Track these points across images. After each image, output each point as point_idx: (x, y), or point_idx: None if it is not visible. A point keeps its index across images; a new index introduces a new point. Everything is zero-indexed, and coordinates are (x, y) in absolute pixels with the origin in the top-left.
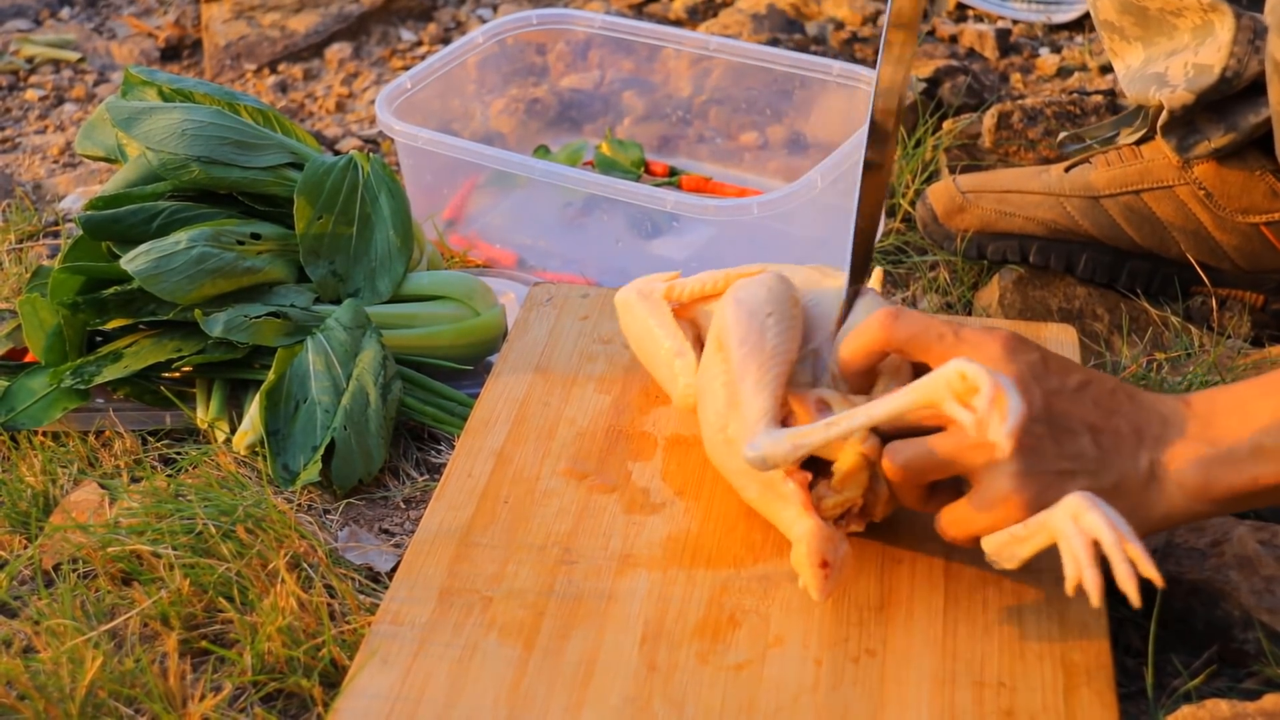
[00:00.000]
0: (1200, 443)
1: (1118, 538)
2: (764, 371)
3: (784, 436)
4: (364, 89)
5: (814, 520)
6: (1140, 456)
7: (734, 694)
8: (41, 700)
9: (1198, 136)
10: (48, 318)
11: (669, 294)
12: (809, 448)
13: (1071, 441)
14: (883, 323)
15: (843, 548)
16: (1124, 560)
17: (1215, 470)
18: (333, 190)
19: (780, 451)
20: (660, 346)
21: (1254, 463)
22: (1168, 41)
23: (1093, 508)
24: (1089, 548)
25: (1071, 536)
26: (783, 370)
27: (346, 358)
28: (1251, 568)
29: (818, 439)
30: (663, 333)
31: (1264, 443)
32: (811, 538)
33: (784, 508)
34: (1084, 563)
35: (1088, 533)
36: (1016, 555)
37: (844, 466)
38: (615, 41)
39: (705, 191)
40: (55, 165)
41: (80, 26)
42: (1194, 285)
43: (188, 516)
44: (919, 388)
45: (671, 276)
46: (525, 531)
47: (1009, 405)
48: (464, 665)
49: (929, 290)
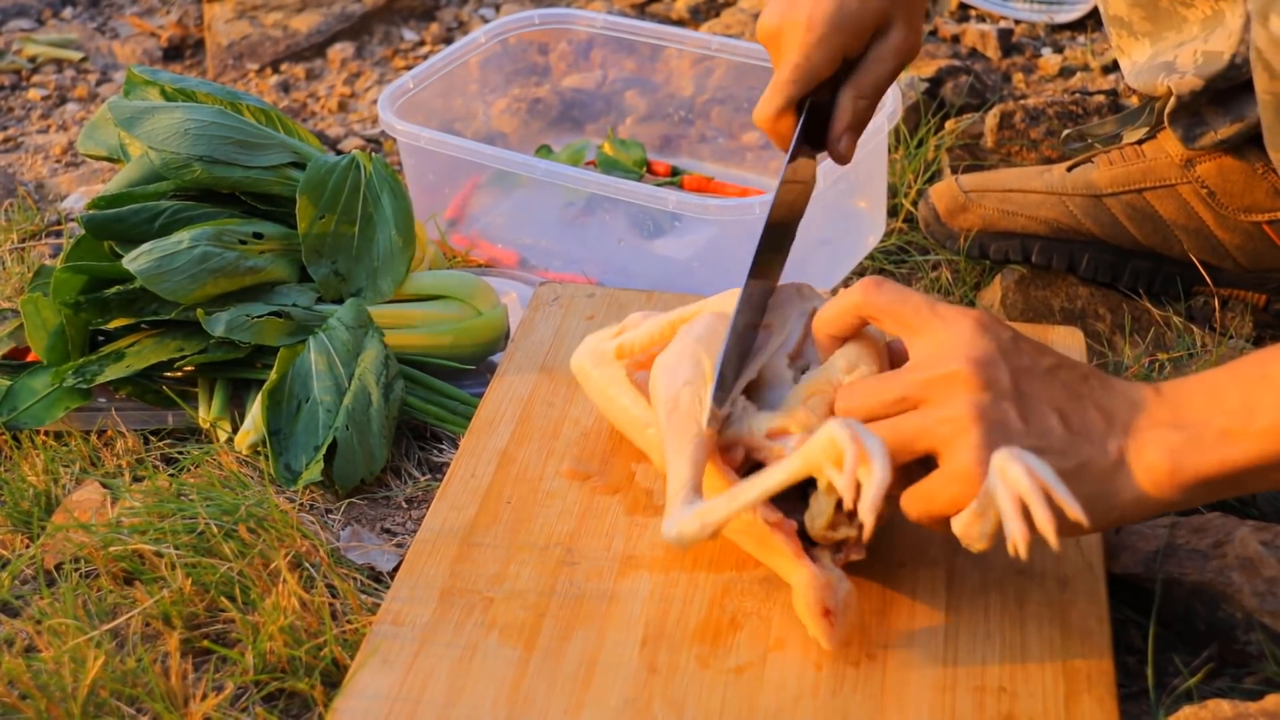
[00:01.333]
0: (1169, 428)
1: (1035, 484)
2: (683, 440)
3: (692, 515)
4: (366, 88)
5: (808, 570)
6: (1109, 442)
7: (734, 697)
8: (43, 699)
9: (1204, 128)
10: (50, 317)
11: (620, 353)
12: (717, 523)
13: (1039, 420)
14: (864, 288)
15: (843, 588)
16: (1043, 506)
17: (1183, 455)
18: (335, 190)
19: (691, 531)
20: (629, 416)
21: (1221, 446)
22: (1176, 35)
23: (1015, 460)
24: (1015, 501)
25: (999, 491)
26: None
27: (349, 357)
28: (1253, 569)
29: (723, 513)
30: (627, 402)
31: (1231, 425)
32: (809, 588)
33: (779, 559)
34: (1007, 514)
35: (1011, 487)
36: (981, 533)
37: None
38: (617, 41)
39: (707, 191)
40: (58, 165)
41: (83, 26)
42: (1196, 285)
43: (190, 516)
44: (800, 454)
45: (617, 332)
46: (527, 532)
47: (874, 473)
48: (464, 665)
49: (931, 290)
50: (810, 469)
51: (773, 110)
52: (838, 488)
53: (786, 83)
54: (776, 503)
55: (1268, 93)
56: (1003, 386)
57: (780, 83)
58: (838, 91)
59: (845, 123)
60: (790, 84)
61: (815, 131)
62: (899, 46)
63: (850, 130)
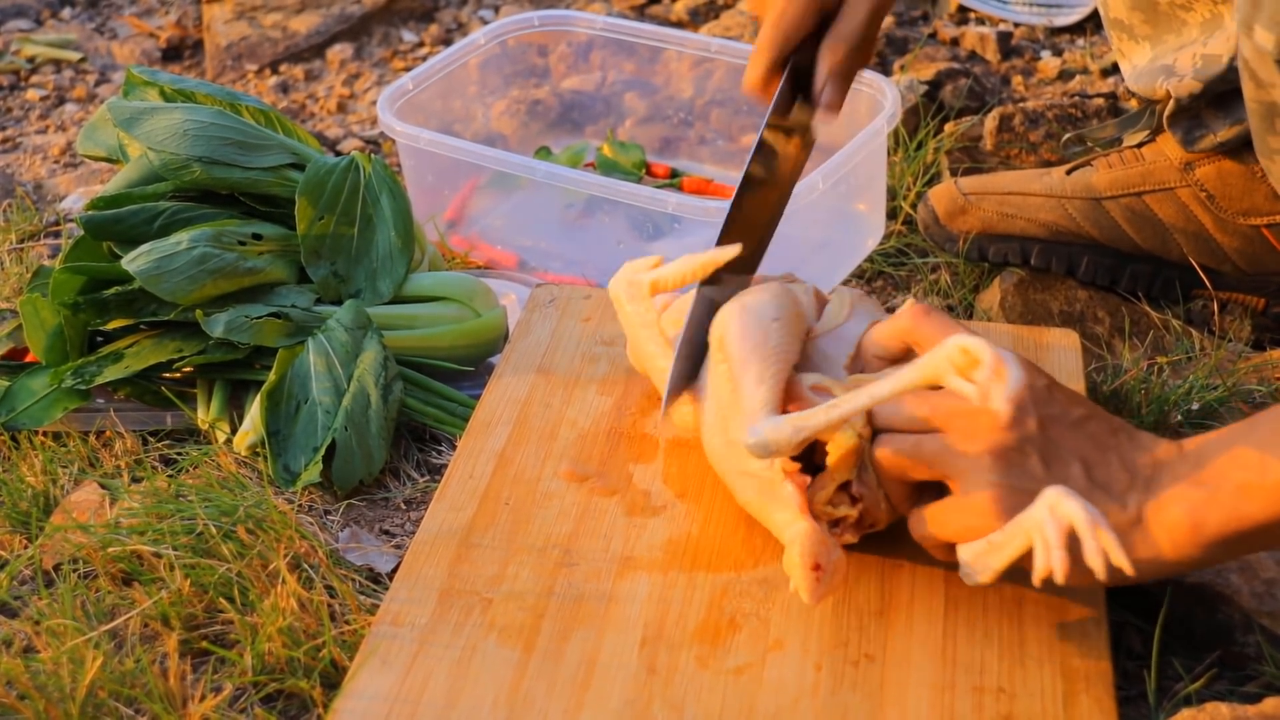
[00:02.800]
0: (1190, 485)
1: (1092, 522)
2: (765, 366)
3: (785, 421)
4: (365, 90)
5: (809, 523)
6: (1129, 497)
7: (733, 697)
8: (42, 700)
9: (1203, 130)
10: (49, 318)
11: (654, 288)
12: (811, 430)
13: (1060, 468)
14: (913, 314)
15: (836, 553)
16: (1095, 540)
17: (1203, 512)
18: (334, 191)
19: (783, 436)
20: (651, 357)
21: (1240, 501)
22: (1175, 39)
23: (1070, 497)
24: (1063, 533)
25: (1046, 523)
26: (784, 369)
27: (347, 358)
28: (1252, 571)
29: (820, 421)
30: (647, 335)
31: (1248, 480)
32: (805, 539)
33: (779, 509)
34: (1053, 544)
35: (1063, 519)
36: (991, 566)
37: (839, 448)
38: (617, 43)
39: (707, 193)
40: (56, 165)
41: (81, 26)
42: (1195, 288)
43: (188, 517)
44: (921, 365)
45: (655, 263)
46: (526, 533)
47: (1009, 375)
48: (463, 666)
49: (930, 293)
50: (933, 376)
51: (758, 74)
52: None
53: (767, 44)
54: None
55: (1255, 101)
56: (1029, 430)
57: (761, 46)
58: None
59: (826, 70)
60: (770, 45)
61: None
62: None
63: (833, 77)
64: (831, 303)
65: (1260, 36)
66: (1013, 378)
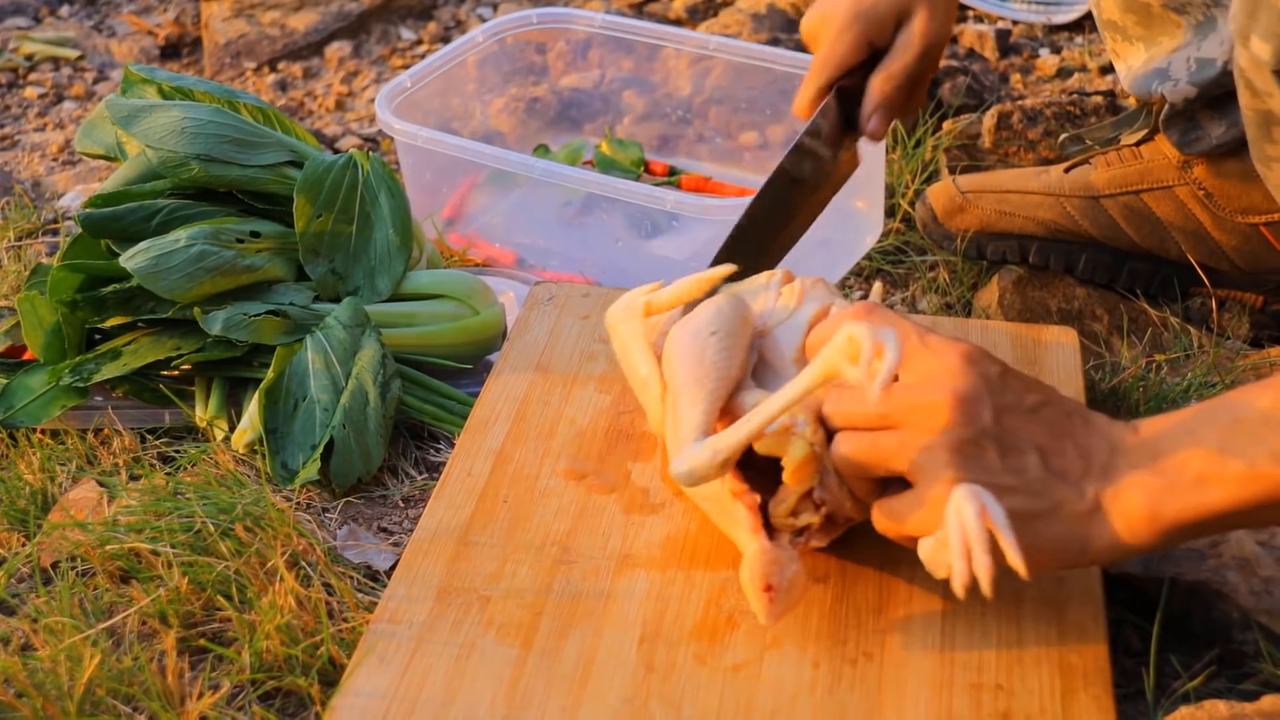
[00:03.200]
0: (1147, 473)
1: (983, 526)
2: (699, 388)
3: (704, 445)
4: (364, 87)
5: (760, 543)
6: (1085, 485)
7: (731, 695)
8: (40, 698)
9: (1199, 133)
10: (47, 315)
11: (648, 309)
12: (729, 450)
13: (1016, 458)
14: (857, 312)
15: (791, 569)
16: (984, 550)
17: (1161, 501)
18: (332, 189)
19: (702, 460)
20: (636, 372)
21: (1199, 491)
22: (1169, 40)
23: (971, 498)
24: (962, 538)
25: (952, 528)
26: (719, 387)
27: (346, 356)
28: (1250, 569)
29: (736, 439)
30: (638, 354)
31: (1208, 470)
32: (755, 561)
33: (737, 530)
34: (954, 551)
35: (961, 523)
36: (945, 562)
37: (793, 459)
38: (615, 41)
39: (705, 191)
40: (54, 163)
41: (80, 24)
42: (1193, 286)
43: (186, 514)
44: (819, 360)
45: (654, 288)
46: (524, 531)
47: (887, 354)
48: (462, 664)
49: (929, 291)
50: (829, 372)
51: (806, 99)
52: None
53: (816, 71)
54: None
55: (1251, 109)
56: (984, 422)
57: (811, 72)
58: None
59: (873, 102)
60: (819, 72)
61: (850, 115)
62: (923, 31)
63: (879, 110)
64: (783, 294)
65: (1257, 47)
66: (889, 357)
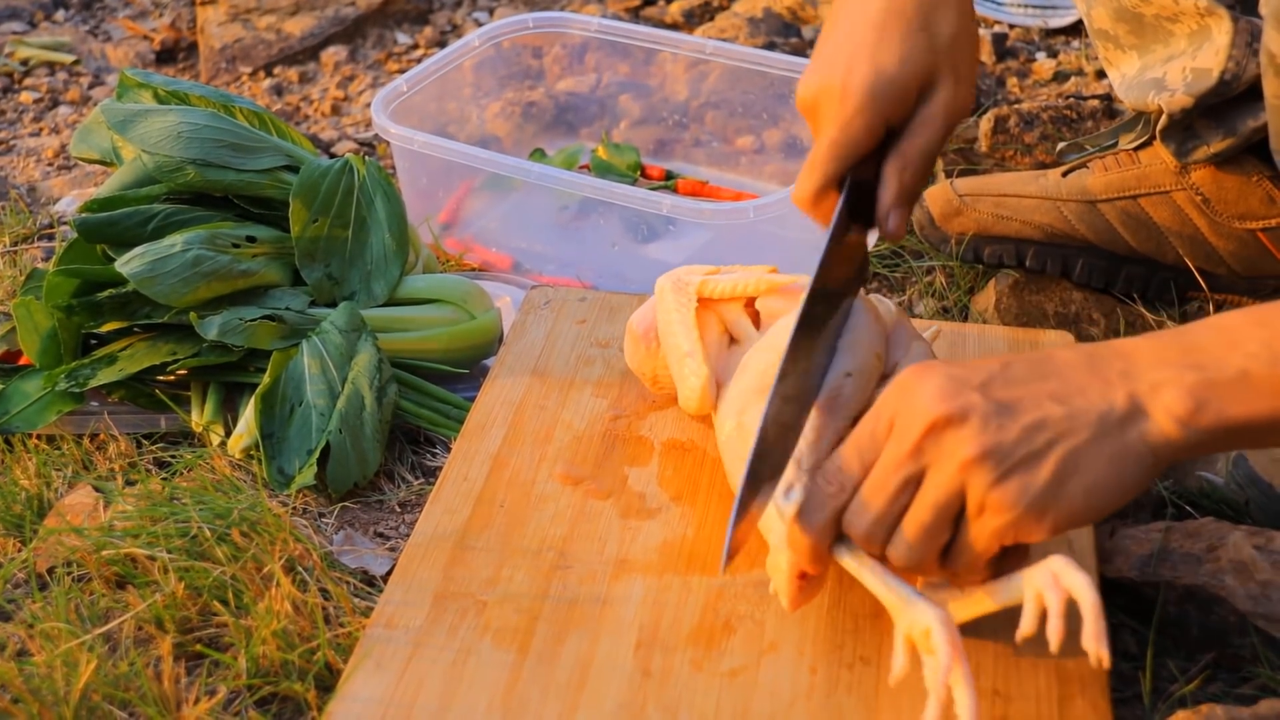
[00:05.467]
0: (1182, 368)
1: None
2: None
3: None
4: (360, 92)
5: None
6: (1111, 393)
7: (728, 700)
8: (35, 704)
9: (1196, 141)
10: (42, 320)
11: (702, 289)
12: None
13: (1030, 414)
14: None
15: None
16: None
17: (1205, 394)
18: (328, 193)
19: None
20: (676, 343)
21: (1244, 388)
22: (1163, 49)
23: (1076, 570)
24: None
25: (1049, 592)
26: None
27: (342, 361)
28: (1247, 573)
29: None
30: (681, 330)
31: (1252, 368)
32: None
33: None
34: (1055, 613)
35: (1067, 589)
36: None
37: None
38: (611, 45)
39: (701, 195)
40: (50, 168)
41: (75, 29)
42: (1190, 291)
43: (182, 520)
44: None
45: (712, 271)
46: (520, 536)
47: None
48: (458, 669)
49: (925, 295)
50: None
51: (811, 190)
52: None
53: (824, 160)
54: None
55: (1276, 97)
56: (980, 408)
57: (817, 160)
58: (883, 162)
59: (891, 198)
60: (828, 161)
61: (861, 205)
62: (947, 107)
63: (898, 205)
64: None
65: None
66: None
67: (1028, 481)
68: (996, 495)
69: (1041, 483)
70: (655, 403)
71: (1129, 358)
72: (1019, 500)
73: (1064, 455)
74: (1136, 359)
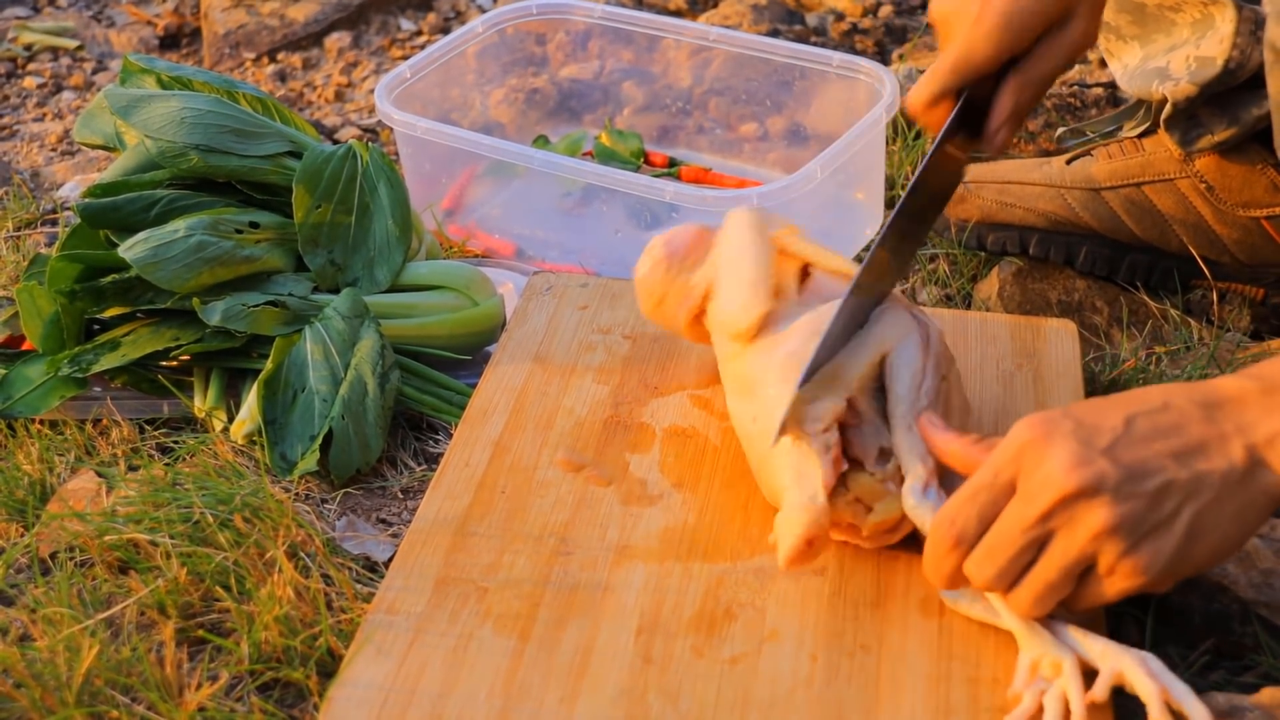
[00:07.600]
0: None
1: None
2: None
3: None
4: (363, 78)
5: (824, 503)
6: (1230, 449)
7: (729, 687)
8: (38, 688)
9: (1200, 130)
10: (45, 306)
11: (778, 237)
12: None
13: (1157, 476)
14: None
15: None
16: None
17: None
18: (331, 179)
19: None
20: (743, 269)
21: None
22: (1165, 38)
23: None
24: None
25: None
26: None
27: (345, 347)
28: (1249, 561)
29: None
30: (754, 260)
31: None
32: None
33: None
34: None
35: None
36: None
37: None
38: (615, 31)
39: (704, 182)
40: (53, 153)
41: (79, 14)
42: (1194, 278)
43: (185, 505)
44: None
45: (791, 230)
46: (522, 522)
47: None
48: (459, 655)
49: (928, 282)
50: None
51: (927, 96)
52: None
53: (945, 73)
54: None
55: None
56: (1111, 478)
57: (939, 72)
58: (1000, 80)
59: (1005, 114)
60: (949, 74)
61: (970, 119)
62: (1076, 40)
63: (1010, 122)
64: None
65: None
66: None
67: (1159, 547)
68: (1129, 563)
69: (1172, 548)
70: (657, 389)
71: (1241, 407)
72: (1151, 566)
73: (1192, 518)
74: (1247, 408)
